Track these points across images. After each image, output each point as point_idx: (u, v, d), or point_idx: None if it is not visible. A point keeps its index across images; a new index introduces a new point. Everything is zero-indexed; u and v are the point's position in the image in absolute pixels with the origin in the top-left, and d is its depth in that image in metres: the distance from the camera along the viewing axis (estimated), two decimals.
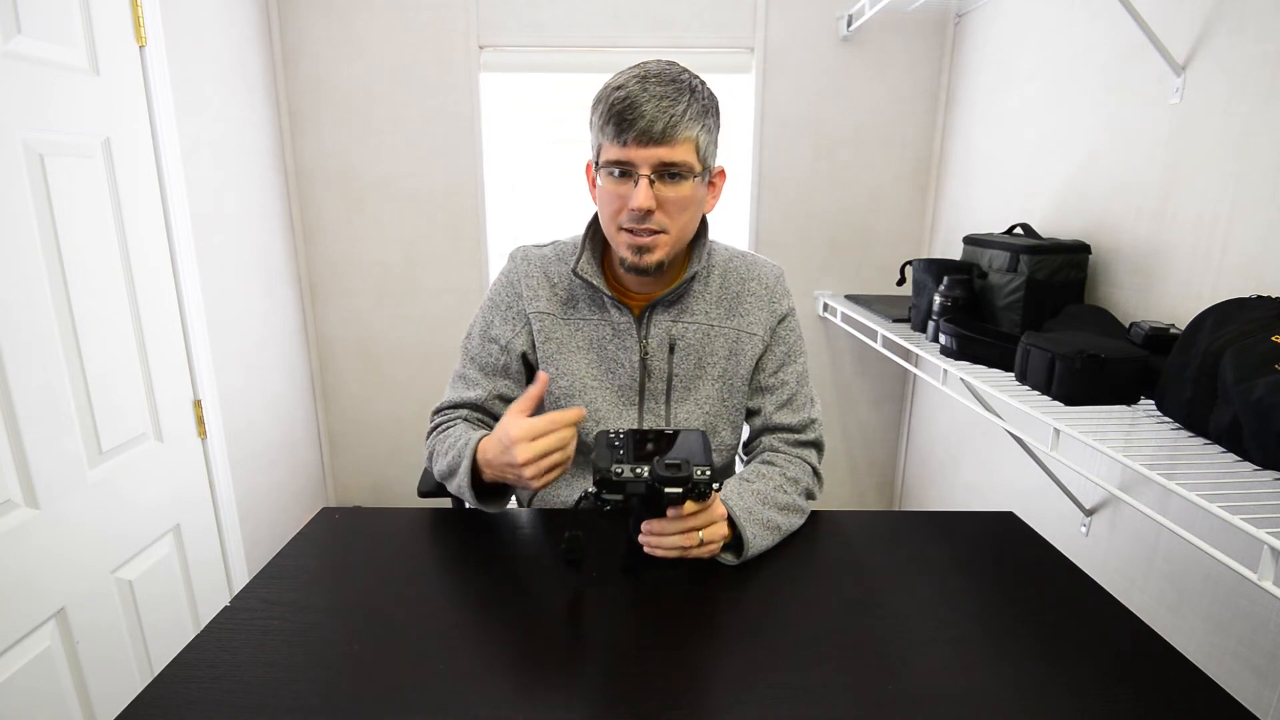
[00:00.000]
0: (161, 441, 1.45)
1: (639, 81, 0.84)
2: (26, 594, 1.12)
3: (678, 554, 0.79)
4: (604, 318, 0.99)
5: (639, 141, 0.83)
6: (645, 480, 0.72)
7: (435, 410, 1.03)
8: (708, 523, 0.79)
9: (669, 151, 0.84)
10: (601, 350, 1.00)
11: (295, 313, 2.18)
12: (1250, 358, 0.86)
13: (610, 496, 0.73)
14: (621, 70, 0.88)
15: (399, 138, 2.12)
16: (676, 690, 0.62)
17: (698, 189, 0.89)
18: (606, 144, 0.86)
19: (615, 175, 0.87)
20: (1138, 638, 0.72)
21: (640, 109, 0.82)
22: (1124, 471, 1.31)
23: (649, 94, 0.83)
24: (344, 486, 2.43)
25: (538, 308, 0.99)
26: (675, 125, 0.83)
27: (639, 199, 0.85)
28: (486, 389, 1.01)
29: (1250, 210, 1.08)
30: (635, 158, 0.84)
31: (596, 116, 0.87)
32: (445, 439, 0.95)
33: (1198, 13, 1.17)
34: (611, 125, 0.84)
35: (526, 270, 1.01)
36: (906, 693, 0.63)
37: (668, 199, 0.87)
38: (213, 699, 0.61)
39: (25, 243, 1.12)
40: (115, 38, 1.33)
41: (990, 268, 1.42)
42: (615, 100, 0.83)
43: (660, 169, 0.85)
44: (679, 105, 0.83)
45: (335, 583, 0.80)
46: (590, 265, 0.97)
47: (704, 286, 1.01)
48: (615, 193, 0.87)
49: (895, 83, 2.11)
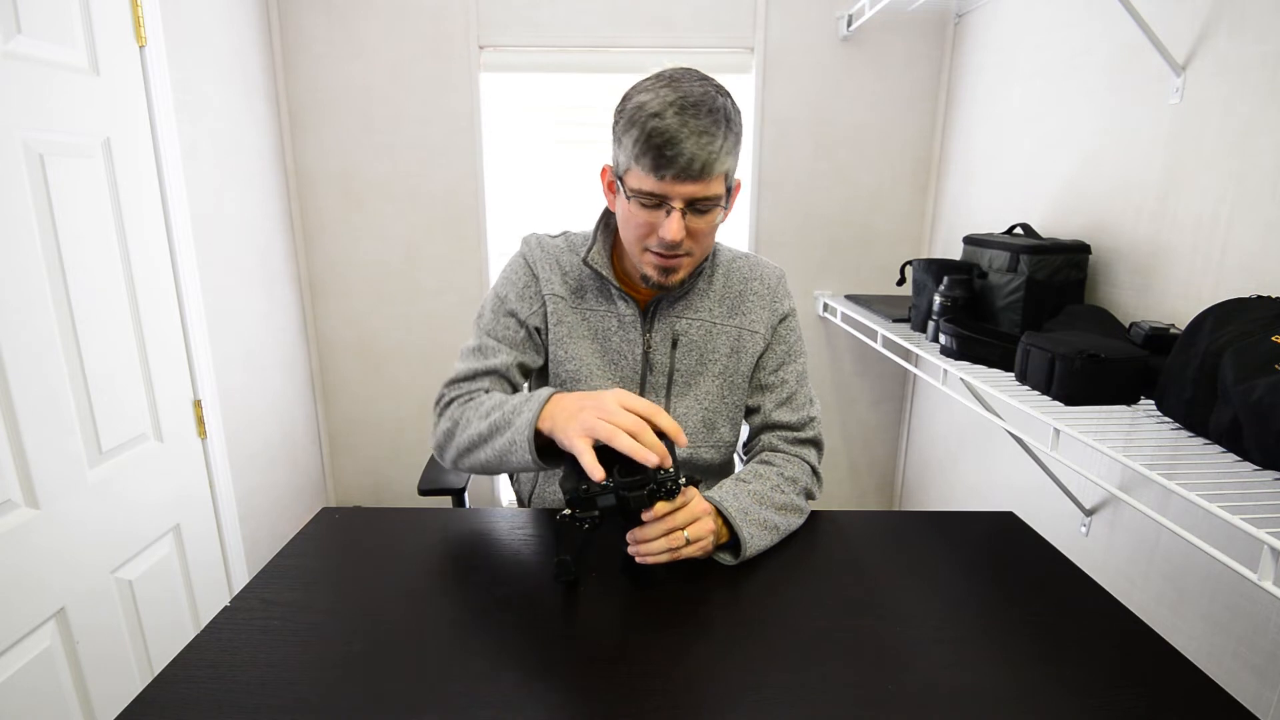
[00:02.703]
0: (161, 441, 1.45)
1: (678, 114, 0.80)
2: (26, 594, 1.12)
3: (668, 557, 0.78)
4: (610, 309, 1.00)
5: (677, 179, 0.82)
6: (612, 489, 0.73)
7: (449, 382, 1.00)
8: (689, 520, 0.78)
9: (704, 188, 0.84)
10: (606, 341, 1.01)
11: (295, 313, 2.18)
12: (1250, 358, 0.86)
13: (584, 514, 0.74)
14: (650, 83, 0.84)
15: (399, 138, 2.12)
16: (676, 690, 0.62)
17: (722, 212, 0.91)
18: (639, 172, 0.84)
19: (645, 204, 0.86)
20: (1138, 638, 0.72)
21: (680, 146, 0.80)
22: (1124, 471, 1.31)
23: (689, 129, 0.80)
24: (344, 486, 2.43)
25: (552, 290, 1.00)
26: (712, 163, 0.82)
27: (672, 232, 0.85)
28: (508, 357, 0.99)
29: (1250, 210, 1.08)
30: (670, 193, 0.84)
31: (629, 140, 0.83)
32: (481, 404, 0.92)
33: (1198, 13, 1.17)
34: (648, 158, 0.82)
35: (541, 255, 1.02)
36: (906, 693, 0.63)
37: (697, 229, 0.88)
38: (213, 699, 0.61)
39: (25, 243, 1.12)
40: (115, 38, 1.33)
41: (990, 268, 1.42)
42: (654, 132, 0.80)
43: (693, 202, 0.85)
44: (716, 141, 0.82)
45: (335, 583, 0.80)
46: (600, 256, 0.98)
47: (708, 284, 1.02)
48: (644, 219, 0.87)
49: (895, 82, 2.11)
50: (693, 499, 0.79)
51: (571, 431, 0.76)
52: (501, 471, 0.90)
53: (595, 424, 0.75)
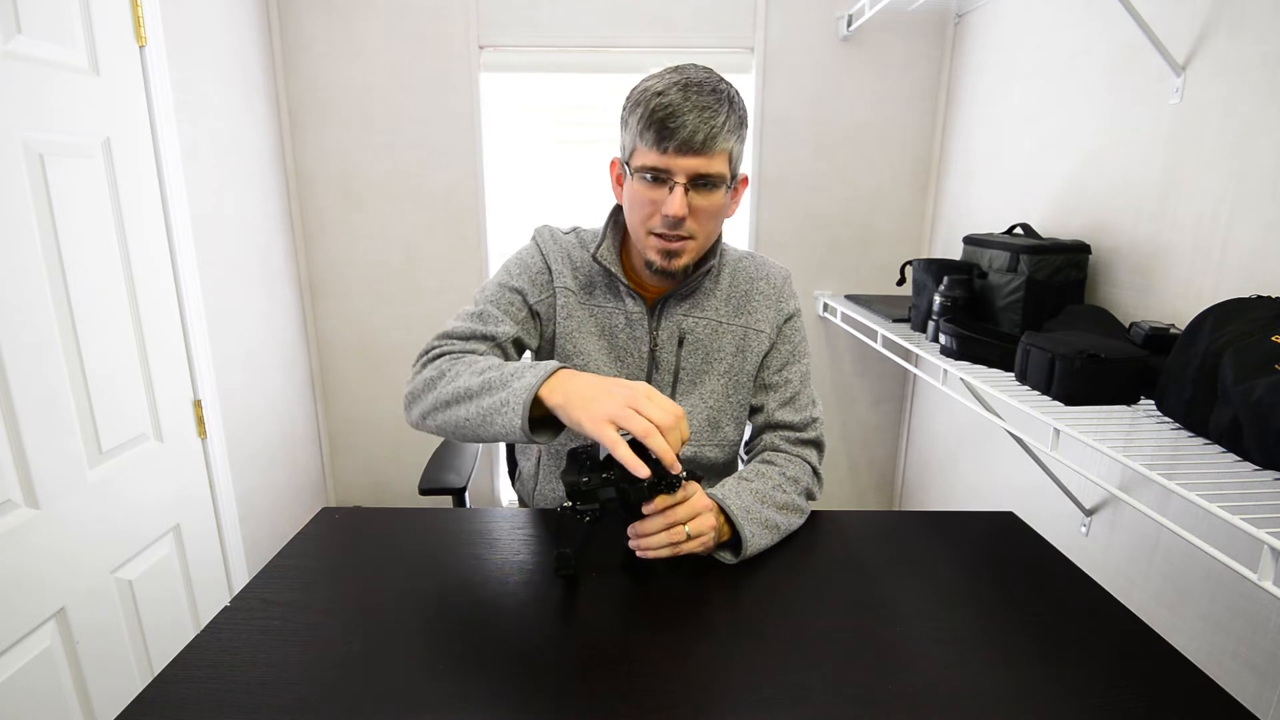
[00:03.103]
0: (161, 441, 1.45)
1: (680, 90, 0.83)
2: (26, 594, 1.12)
3: (669, 552, 0.78)
4: (618, 306, 1.00)
5: (679, 151, 0.83)
6: (613, 482, 0.73)
7: (442, 335, 0.95)
8: (690, 515, 0.78)
9: (706, 163, 0.85)
10: (613, 338, 1.01)
11: (295, 313, 2.18)
12: (1250, 358, 0.86)
13: (585, 507, 0.74)
14: (657, 73, 0.87)
15: (399, 138, 2.12)
16: (676, 690, 0.62)
17: (726, 197, 0.91)
18: (643, 149, 0.86)
19: (649, 180, 0.87)
20: (1137, 638, 0.72)
21: (682, 119, 0.82)
22: (1124, 471, 1.31)
23: (691, 103, 0.82)
24: (344, 486, 2.43)
25: (564, 283, 1.00)
26: (715, 137, 0.84)
27: (674, 207, 0.85)
28: (510, 328, 0.96)
29: (1250, 210, 1.08)
30: (673, 166, 0.85)
31: (634, 120, 0.86)
32: (476, 362, 0.87)
33: (1198, 13, 1.17)
34: (651, 131, 0.83)
35: (555, 247, 1.02)
36: (906, 693, 0.63)
37: (700, 207, 0.88)
38: (213, 699, 0.61)
39: (25, 243, 1.12)
40: (115, 38, 1.33)
41: (990, 268, 1.42)
42: (657, 107, 0.83)
43: (696, 179, 0.86)
44: (719, 116, 0.83)
45: (335, 583, 0.80)
46: (610, 253, 0.99)
47: (714, 284, 1.03)
48: (648, 198, 0.88)
49: (895, 82, 2.11)
50: (694, 494, 0.79)
51: (596, 414, 0.72)
52: (475, 437, 0.83)
53: (628, 415, 0.71)
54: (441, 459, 1.28)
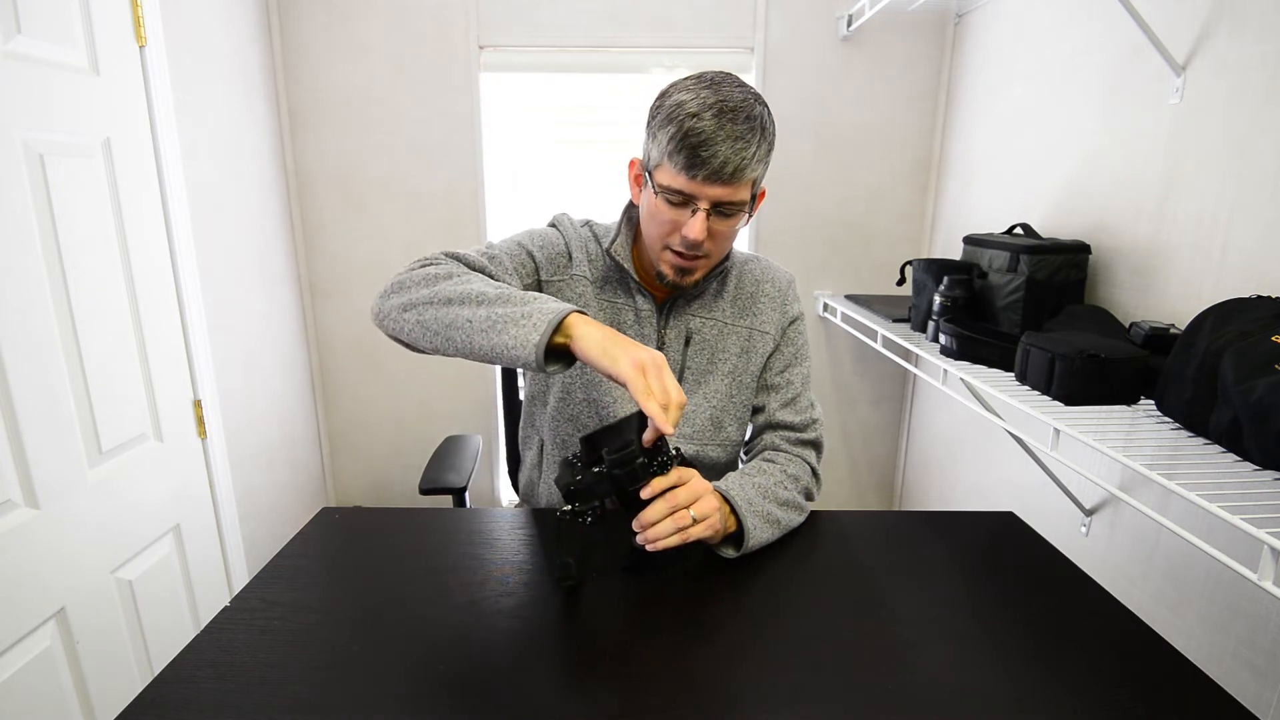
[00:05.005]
0: (161, 441, 1.45)
1: (715, 116, 0.81)
2: (26, 594, 1.12)
3: (678, 539, 0.76)
4: (629, 302, 1.01)
5: (707, 180, 0.83)
6: (605, 474, 0.73)
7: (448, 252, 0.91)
8: (692, 498, 0.78)
9: (731, 192, 0.85)
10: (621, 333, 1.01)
11: (295, 313, 2.18)
12: (1250, 358, 0.86)
13: (584, 507, 0.74)
14: (690, 83, 0.85)
15: (399, 138, 2.12)
16: (676, 691, 0.62)
17: (744, 218, 0.91)
18: (671, 170, 0.84)
19: (672, 202, 0.87)
20: (1137, 637, 0.72)
21: (715, 148, 0.81)
22: (1124, 471, 1.31)
23: (725, 132, 0.81)
24: (344, 486, 2.43)
25: (581, 273, 1.00)
26: (744, 168, 0.83)
27: (695, 231, 0.85)
28: (515, 280, 0.94)
29: (1250, 210, 1.08)
30: (699, 193, 0.84)
31: (664, 136, 0.84)
32: (473, 277, 0.83)
33: (1198, 13, 1.17)
34: (682, 156, 0.82)
35: (575, 236, 1.02)
36: (906, 693, 0.63)
37: (719, 231, 0.89)
38: (213, 699, 0.61)
39: (25, 243, 1.12)
40: (115, 38, 1.33)
41: (990, 268, 1.42)
42: (690, 131, 0.81)
43: (718, 204, 0.86)
44: (750, 148, 0.83)
45: (335, 583, 0.80)
46: (623, 249, 1.00)
47: (721, 286, 1.04)
48: (669, 217, 0.88)
49: (895, 82, 2.11)
50: (692, 477, 0.79)
51: (635, 357, 0.71)
52: (464, 343, 0.77)
53: (652, 369, 0.71)
54: (442, 459, 1.28)
